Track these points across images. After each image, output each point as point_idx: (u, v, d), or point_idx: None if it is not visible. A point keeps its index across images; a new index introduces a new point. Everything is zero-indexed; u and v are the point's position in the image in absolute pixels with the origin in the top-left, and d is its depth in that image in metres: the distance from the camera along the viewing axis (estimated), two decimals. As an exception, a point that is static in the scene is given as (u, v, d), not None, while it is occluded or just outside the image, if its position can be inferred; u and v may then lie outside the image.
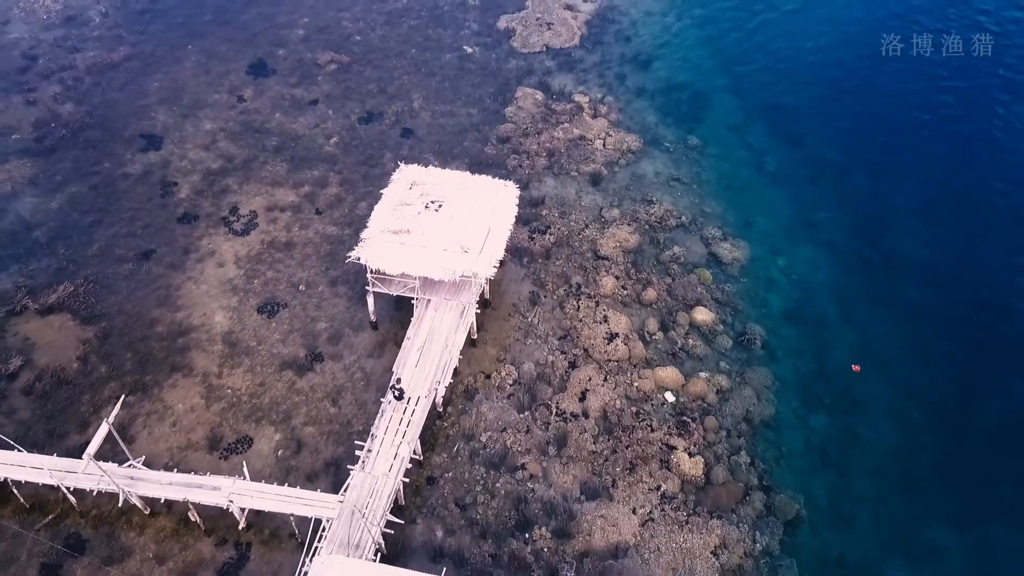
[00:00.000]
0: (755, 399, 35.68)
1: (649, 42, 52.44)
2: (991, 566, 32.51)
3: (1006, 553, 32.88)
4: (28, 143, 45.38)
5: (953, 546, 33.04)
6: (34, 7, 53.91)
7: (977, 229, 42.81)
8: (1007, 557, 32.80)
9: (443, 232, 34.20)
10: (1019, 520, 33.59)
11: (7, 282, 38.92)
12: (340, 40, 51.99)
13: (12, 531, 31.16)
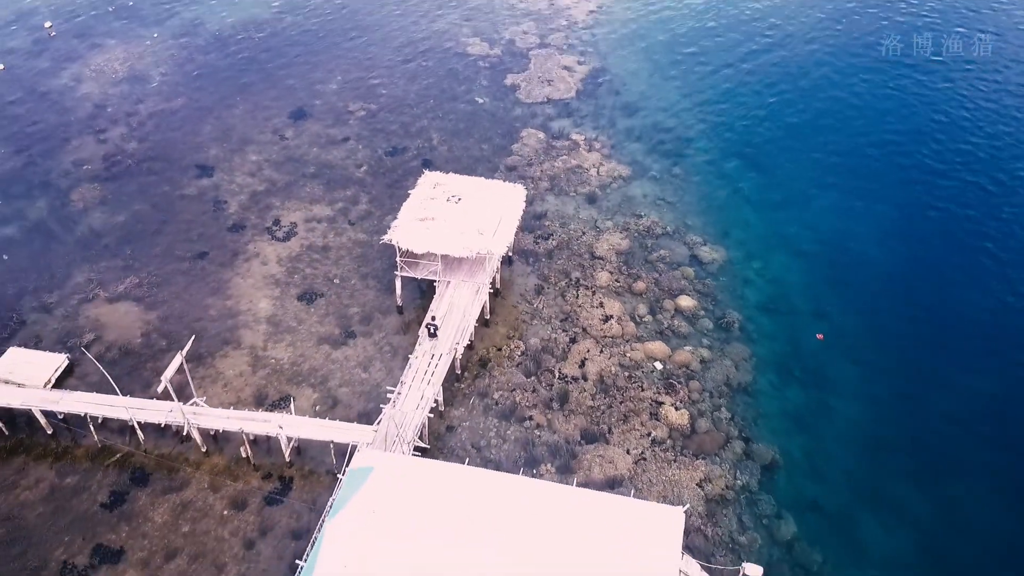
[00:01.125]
0: (734, 368, 40.66)
1: (635, 95, 60.21)
2: (949, 517, 36.50)
3: (962, 507, 36.96)
4: (98, 172, 52.32)
5: (915, 499, 36.99)
6: (103, 69, 62.18)
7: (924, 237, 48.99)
8: (963, 510, 36.85)
9: (462, 219, 40.36)
10: (972, 478, 37.81)
11: (80, 277, 44.84)
12: (368, 93, 59.90)
13: (85, 466, 35.80)
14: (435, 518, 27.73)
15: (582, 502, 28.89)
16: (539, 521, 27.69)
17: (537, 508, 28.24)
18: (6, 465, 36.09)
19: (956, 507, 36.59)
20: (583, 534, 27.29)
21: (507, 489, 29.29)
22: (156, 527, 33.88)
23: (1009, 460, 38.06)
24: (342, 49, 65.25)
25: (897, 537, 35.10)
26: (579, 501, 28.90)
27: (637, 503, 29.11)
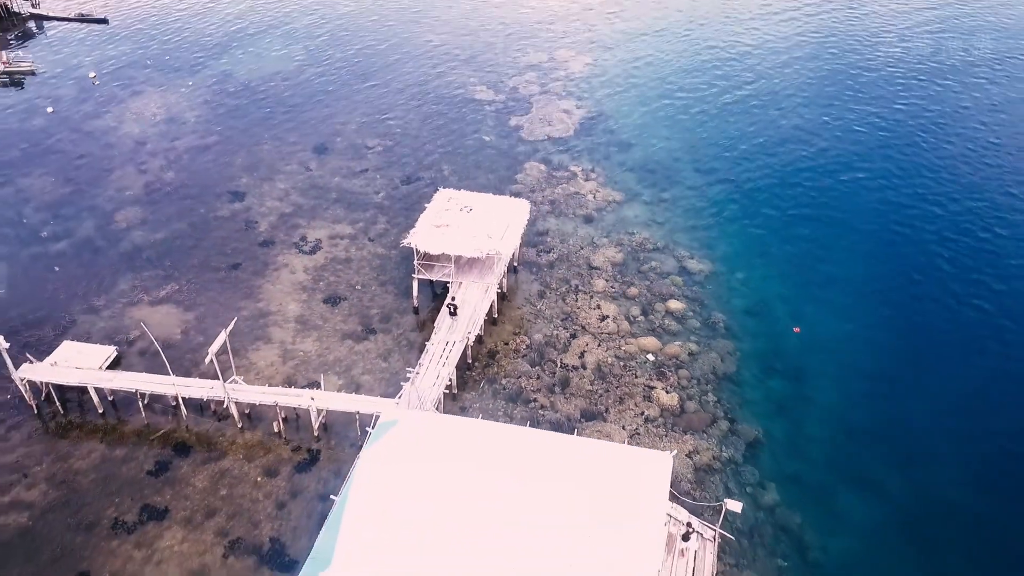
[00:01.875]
0: (720, 360, 44.71)
1: (627, 133, 65.97)
2: (917, 490, 39.91)
3: (929, 482, 40.39)
4: (139, 197, 57.42)
5: (887, 475, 40.39)
6: (143, 112, 68.08)
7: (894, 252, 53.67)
8: (930, 485, 40.27)
9: (473, 226, 45.15)
10: (939, 459, 41.35)
11: (125, 284, 49.31)
12: (384, 131, 65.65)
13: (132, 440, 39.48)
14: (453, 457, 31.47)
15: (582, 447, 32.73)
16: (543, 462, 31.41)
17: (541, 451, 32.03)
18: (61, 439, 39.84)
19: (924, 482, 39.92)
20: (583, 473, 30.97)
21: (515, 437, 33.17)
22: (197, 491, 37.46)
23: (971, 444, 41.71)
24: (359, 95, 71.52)
25: (870, 506, 38.47)
26: (579, 447, 32.75)
27: (631, 448, 32.90)
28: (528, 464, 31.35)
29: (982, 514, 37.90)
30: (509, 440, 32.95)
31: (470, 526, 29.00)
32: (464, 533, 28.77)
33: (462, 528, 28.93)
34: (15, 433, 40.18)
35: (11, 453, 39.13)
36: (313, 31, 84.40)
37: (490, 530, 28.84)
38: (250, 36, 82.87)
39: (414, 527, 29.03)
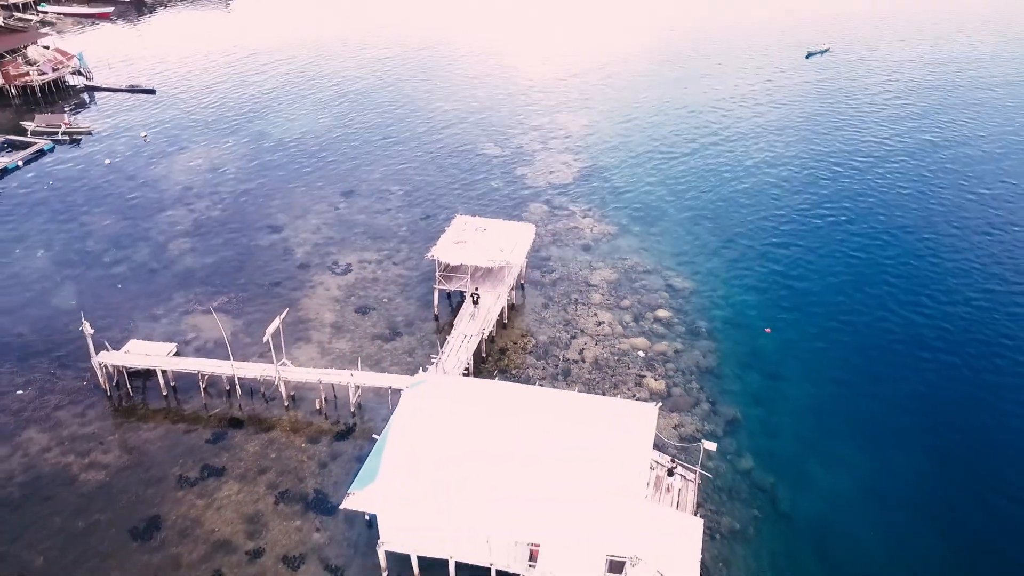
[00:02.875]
0: (702, 357, 51.09)
1: (620, 180, 74.22)
2: (877, 464, 45.58)
3: (888, 458, 46.14)
4: (188, 230, 64.96)
5: (851, 451, 46.02)
6: (189, 164, 76.54)
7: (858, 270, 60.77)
8: (889, 460, 45.99)
9: (487, 242, 52.40)
10: (904, 442, 47.16)
11: (180, 298, 56.17)
12: (404, 178, 73.91)
13: (192, 416, 45.47)
14: (474, 405, 37.60)
15: (582, 399, 39.01)
16: (549, 409, 37.51)
17: (548, 402, 38.24)
18: (131, 415, 45.89)
19: (880, 454, 45.33)
20: (582, 418, 37.01)
21: (526, 392, 39.54)
22: (249, 454, 43.27)
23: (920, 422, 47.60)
24: (380, 150, 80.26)
25: (834, 472, 44.04)
26: (579, 399, 39.00)
27: (623, 402, 39.05)
28: (536, 410, 37.51)
29: (928, 478, 43.57)
30: (520, 394, 39.32)
31: (491, 454, 34.97)
32: (486, 459, 34.72)
33: (484, 456, 34.90)
34: (91, 411, 46.28)
35: (88, 426, 45.15)
36: (336, 99, 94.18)
37: (506, 457, 34.79)
38: (281, 104, 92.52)
39: (443, 454, 35.01)
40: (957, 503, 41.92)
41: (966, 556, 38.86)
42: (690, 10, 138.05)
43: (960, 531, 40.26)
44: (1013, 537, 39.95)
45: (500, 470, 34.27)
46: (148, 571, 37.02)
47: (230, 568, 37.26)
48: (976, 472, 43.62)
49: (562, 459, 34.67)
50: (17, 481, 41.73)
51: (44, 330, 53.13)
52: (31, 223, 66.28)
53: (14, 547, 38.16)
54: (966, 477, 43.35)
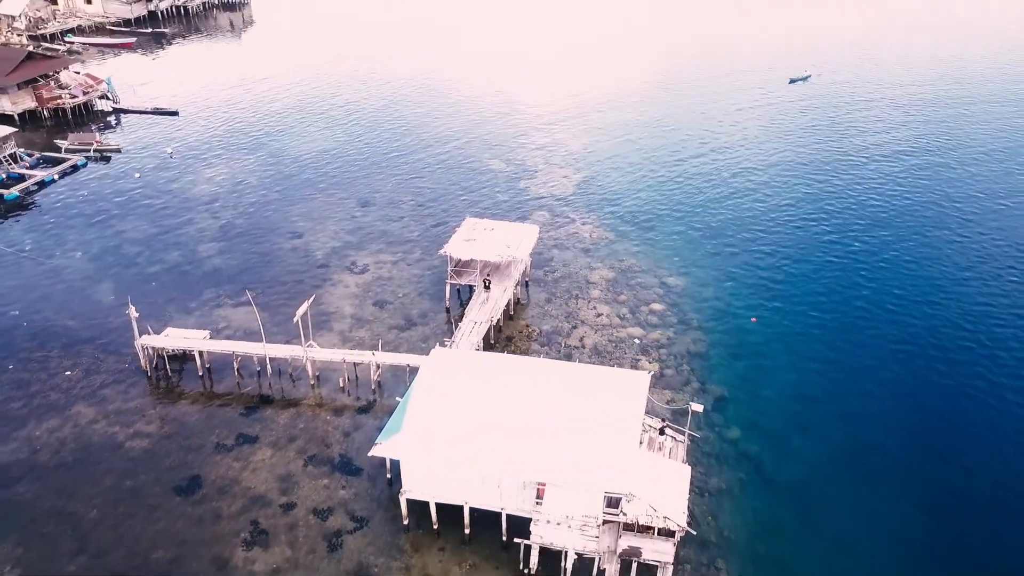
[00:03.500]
0: (693, 344, 55.50)
1: (616, 192, 79.23)
2: (853, 438, 49.62)
3: (863, 434, 50.18)
4: (216, 235, 69.72)
5: (829, 426, 50.18)
6: (213, 177, 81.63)
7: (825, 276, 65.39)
8: (863, 435, 50.01)
9: (495, 240, 57.12)
10: (876, 419, 51.29)
11: (210, 294, 60.71)
12: (415, 190, 78.94)
13: (226, 393, 49.73)
14: (487, 372, 41.91)
15: (583, 368, 43.39)
16: (554, 376, 41.84)
17: (553, 370, 42.61)
18: (169, 393, 50.24)
19: (856, 431, 49.51)
20: (584, 383, 41.32)
21: (533, 363, 43.98)
22: (280, 425, 47.50)
23: (892, 403, 51.82)
24: (392, 166, 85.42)
25: (813, 444, 48.18)
26: (581, 368, 43.35)
27: (620, 370, 43.39)
28: (542, 376, 41.89)
29: (897, 449, 47.70)
30: (528, 364, 43.90)
31: (502, 410, 39.26)
32: (498, 414, 39.02)
33: (497, 411, 39.21)
34: (133, 390, 50.58)
35: (131, 402, 49.43)
36: (348, 120, 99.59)
37: (515, 412, 39.05)
38: (296, 124, 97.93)
39: (459, 410, 39.33)
40: (921, 471, 46.07)
41: (927, 516, 42.93)
42: (685, 39, 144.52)
43: (923, 495, 44.30)
44: (965, 501, 44.07)
45: (510, 423, 38.52)
46: (192, 521, 41.08)
47: (265, 519, 41.30)
48: (937, 445, 47.87)
49: (565, 414, 38.92)
50: (70, 447, 45.92)
51: (87, 321, 57.62)
52: (69, 229, 71.06)
53: (71, 502, 42.23)
54: (929, 449, 47.58)
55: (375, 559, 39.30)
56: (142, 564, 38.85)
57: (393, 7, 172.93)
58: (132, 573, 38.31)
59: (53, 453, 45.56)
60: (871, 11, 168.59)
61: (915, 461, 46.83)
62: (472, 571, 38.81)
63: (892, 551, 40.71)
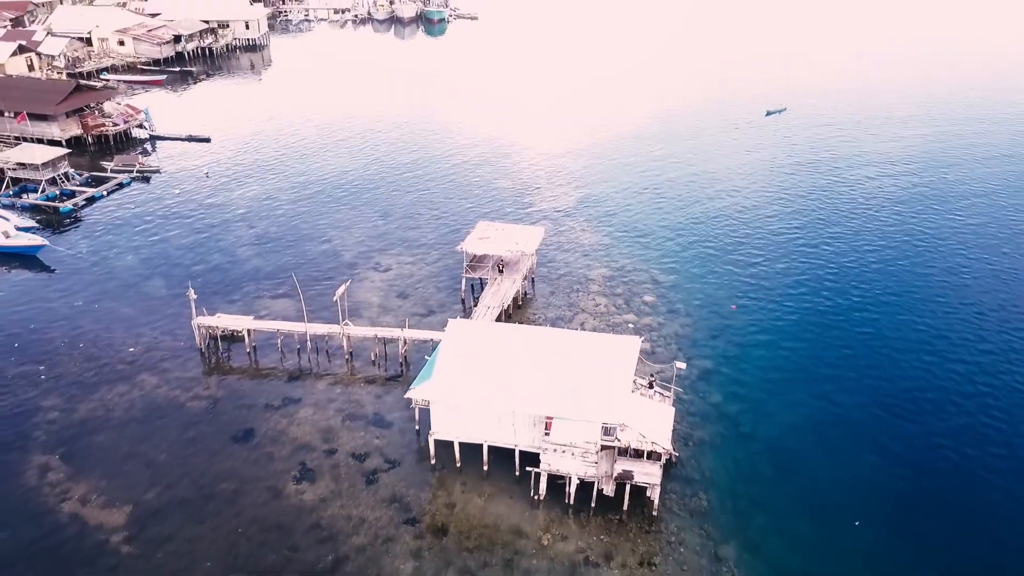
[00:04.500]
0: (681, 329, 62.70)
1: (613, 206, 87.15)
2: (825, 407, 56.43)
3: (835, 403, 57.01)
4: (252, 241, 77.44)
5: (805, 397, 57.00)
6: (247, 195, 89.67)
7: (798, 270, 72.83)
8: (835, 405, 56.86)
9: (506, 237, 64.76)
10: (838, 385, 58.03)
11: (250, 288, 68.14)
12: (430, 203, 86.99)
13: (271, 365, 56.76)
14: (501, 336, 49.05)
15: (585, 335, 50.47)
16: (559, 338, 49.02)
17: (557, 335, 49.86)
18: (221, 367, 57.28)
19: (829, 400, 56.29)
20: (584, 344, 48.43)
21: (540, 329, 51.13)
22: (319, 390, 54.58)
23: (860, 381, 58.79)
24: (408, 183, 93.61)
25: (789, 411, 54.85)
26: (584, 334, 50.43)
27: (616, 336, 50.56)
28: (549, 339, 49.09)
29: (862, 413, 54.55)
30: (536, 330, 51.27)
31: (516, 362, 46.34)
32: (513, 365, 46.11)
33: (511, 363, 46.28)
34: (189, 363, 57.78)
35: (189, 372, 56.60)
36: (366, 146, 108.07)
37: (527, 364, 46.12)
38: (318, 151, 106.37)
39: (479, 362, 46.45)
40: (874, 425, 53.11)
41: (880, 459, 49.87)
42: (674, 77, 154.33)
43: (877, 444, 51.16)
44: (913, 447, 51.05)
45: (522, 372, 45.62)
46: (248, 462, 47.93)
47: (311, 460, 48.16)
48: (889, 404, 54.90)
49: (570, 366, 46.00)
50: (138, 406, 52.94)
51: (143, 309, 65.01)
52: (119, 237, 78.76)
53: (143, 447, 49.15)
54: (881, 407, 54.55)
55: (406, 491, 46.04)
56: (208, 494, 45.64)
57: (399, 57, 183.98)
58: (199, 503, 45.08)
59: (125, 411, 52.60)
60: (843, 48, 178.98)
61: (869, 417, 53.71)
62: (490, 500, 45.54)
63: (850, 488, 47.36)
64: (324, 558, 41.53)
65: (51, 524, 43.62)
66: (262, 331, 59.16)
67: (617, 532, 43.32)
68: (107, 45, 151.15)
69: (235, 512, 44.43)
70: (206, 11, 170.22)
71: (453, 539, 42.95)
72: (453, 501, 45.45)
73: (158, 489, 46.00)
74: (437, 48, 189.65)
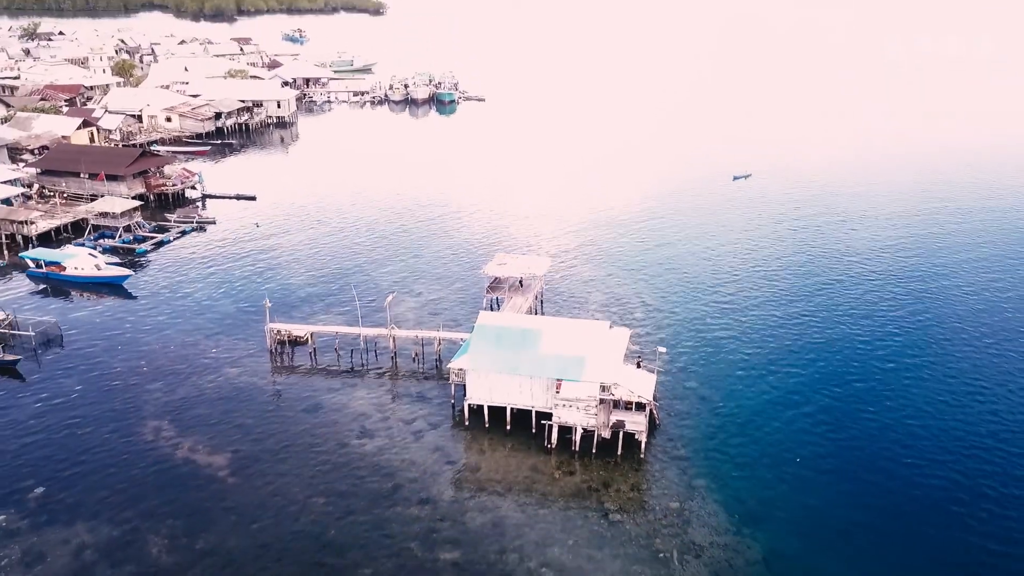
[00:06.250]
0: (664, 335, 75.37)
1: (608, 248, 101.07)
2: (793, 392, 68.59)
3: (791, 384, 69.25)
4: (303, 274, 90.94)
5: (773, 384, 69.37)
6: (291, 240, 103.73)
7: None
8: (791, 385, 69.10)
9: (519, 265, 78.43)
10: (797, 374, 70.46)
11: (307, 309, 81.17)
12: (453, 248, 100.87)
13: (330, 364, 69.36)
14: (520, 323, 61.90)
15: (587, 323, 63.60)
16: (565, 325, 61.89)
17: (564, 323, 62.75)
18: (288, 365, 69.92)
19: (793, 388, 68.71)
20: (586, 329, 61.28)
21: (552, 319, 64.18)
22: (371, 378, 67.43)
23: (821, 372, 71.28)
24: (435, 232, 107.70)
25: (753, 391, 67.09)
26: (585, 323, 63.57)
27: (609, 327, 63.47)
28: (559, 325, 62.10)
29: (823, 396, 66.90)
30: (549, 320, 64.47)
31: (533, 340, 59.03)
32: (531, 342, 58.76)
33: (530, 340, 58.92)
34: (262, 360, 70.61)
35: (262, 367, 69.36)
36: (394, 204, 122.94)
37: (543, 344, 58.80)
38: (351, 206, 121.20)
39: (505, 340, 59.15)
40: (824, 400, 65.71)
41: (830, 428, 62.19)
42: (657, 148, 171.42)
43: (828, 416, 63.44)
44: (859, 422, 63.41)
45: (539, 347, 58.32)
46: (317, 425, 60.35)
47: (368, 424, 60.62)
48: (838, 385, 67.50)
49: (575, 343, 58.87)
50: (225, 389, 65.55)
51: (217, 323, 78.14)
52: (188, 272, 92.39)
53: (232, 415, 61.66)
54: (831, 385, 67.19)
55: (446, 443, 58.27)
56: (289, 445, 57.84)
57: (415, 133, 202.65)
58: (283, 451, 57.07)
59: (214, 391, 65.13)
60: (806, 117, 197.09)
61: (821, 395, 66.15)
62: (512, 451, 57.58)
63: (792, 438, 59.53)
64: (385, 485, 53.47)
65: (169, 463, 55.72)
66: (322, 334, 72.15)
67: (613, 469, 55.35)
68: (156, 121, 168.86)
69: (312, 456, 56.56)
70: (243, 92, 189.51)
71: (484, 474, 55.02)
72: (483, 449, 57.58)
73: (249, 442, 58.18)
74: (449, 126, 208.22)
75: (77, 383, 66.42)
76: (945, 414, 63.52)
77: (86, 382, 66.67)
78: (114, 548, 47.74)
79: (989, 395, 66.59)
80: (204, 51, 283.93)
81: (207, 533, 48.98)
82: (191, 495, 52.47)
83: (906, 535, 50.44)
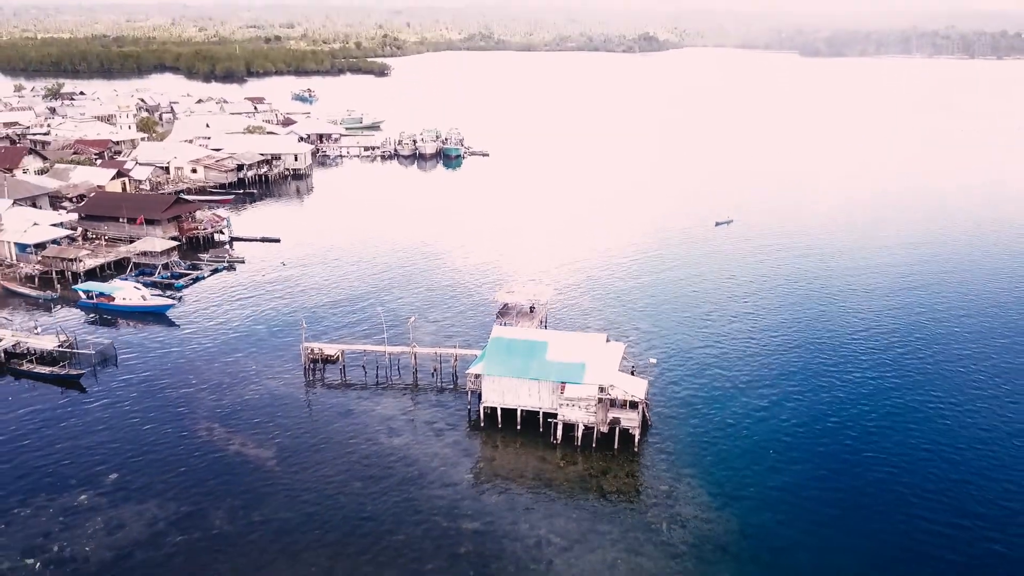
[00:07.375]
0: (655, 351, 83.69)
1: (603, 283, 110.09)
2: (776, 395, 76.77)
3: (783, 391, 77.42)
4: (326, 305, 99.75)
5: (760, 390, 77.62)
6: (315, 276, 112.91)
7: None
8: (783, 393, 77.27)
9: (526, 292, 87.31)
10: (774, 385, 78.74)
11: (334, 335, 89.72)
12: (461, 282, 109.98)
13: (360, 376, 77.69)
14: (529, 334, 70.44)
15: (585, 336, 72.07)
16: (569, 337, 70.40)
17: (567, 337, 71.28)
18: (321, 379, 78.10)
19: (776, 390, 77.06)
20: (585, 342, 69.79)
21: (556, 332, 72.68)
22: (396, 389, 75.91)
23: (797, 374, 79.59)
24: (446, 269, 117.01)
25: (735, 400, 75.38)
26: (584, 336, 72.05)
27: (606, 341, 71.94)
28: (563, 337, 70.67)
29: (799, 395, 75.09)
30: (554, 333, 72.96)
31: (541, 348, 67.55)
32: (539, 351, 67.29)
33: (537, 350, 67.46)
34: (297, 375, 79.13)
35: (297, 380, 77.68)
36: (406, 246, 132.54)
37: (549, 353, 67.32)
38: (366, 248, 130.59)
39: (516, 350, 67.66)
40: (797, 395, 73.77)
41: (808, 420, 70.28)
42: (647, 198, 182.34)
43: (803, 409, 71.54)
44: (830, 416, 71.67)
45: (545, 355, 66.83)
46: (349, 426, 68.71)
47: (395, 424, 69.08)
48: (819, 402, 75.62)
49: (576, 352, 67.41)
50: (266, 398, 74.04)
51: (255, 345, 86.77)
52: (223, 303, 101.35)
53: (272, 418, 70.32)
54: (805, 379, 75.36)
55: (464, 439, 66.61)
56: (326, 439, 66.16)
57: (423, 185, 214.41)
58: (320, 444, 65.11)
59: (256, 399, 73.59)
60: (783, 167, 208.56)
61: (792, 402, 74.40)
62: (522, 446, 65.69)
63: (776, 440, 67.59)
64: (411, 472, 61.55)
65: (222, 454, 63.98)
66: (351, 351, 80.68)
67: (610, 459, 63.48)
68: (182, 172, 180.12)
69: (346, 449, 64.85)
70: (262, 146, 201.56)
71: (498, 464, 63.25)
72: (497, 445, 65.85)
73: (289, 437, 66.58)
74: (456, 178, 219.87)
75: (134, 392, 74.91)
76: (895, 417, 71.95)
77: (142, 392, 75.11)
78: (182, 520, 55.66)
79: (934, 405, 75.15)
80: (220, 109, 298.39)
81: (261, 507, 56.99)
82: (244, 478, 60.51)
83: (860, 510, 58.48)
